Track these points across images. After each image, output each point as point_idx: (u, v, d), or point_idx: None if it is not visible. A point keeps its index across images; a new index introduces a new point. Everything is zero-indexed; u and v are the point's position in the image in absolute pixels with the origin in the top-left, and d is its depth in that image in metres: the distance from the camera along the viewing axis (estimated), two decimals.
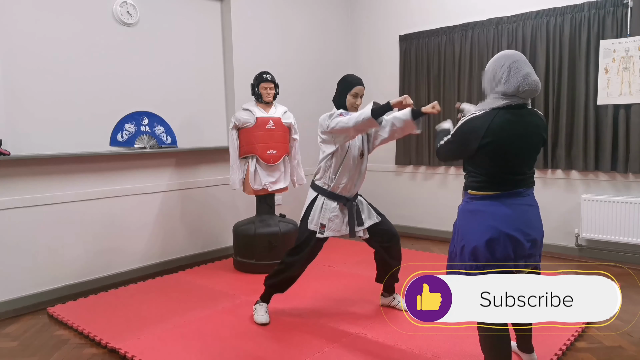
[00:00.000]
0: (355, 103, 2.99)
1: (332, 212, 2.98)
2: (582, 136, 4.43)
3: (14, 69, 3.56)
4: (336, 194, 3.00)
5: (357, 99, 3.00)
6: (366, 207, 3.11)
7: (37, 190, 3.65)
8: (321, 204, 3.00)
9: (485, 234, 2.06)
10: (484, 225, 2.07)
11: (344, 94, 2.98)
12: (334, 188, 3.00)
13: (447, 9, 5.25)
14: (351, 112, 2.92)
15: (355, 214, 3.01)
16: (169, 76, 4.46)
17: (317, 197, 3.03)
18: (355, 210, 3.02)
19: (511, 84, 2.01)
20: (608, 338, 2.84)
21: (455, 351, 2.66)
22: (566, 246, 4.64)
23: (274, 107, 4.25)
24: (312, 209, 3.01)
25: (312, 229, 2.99)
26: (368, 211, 3.10)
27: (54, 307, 3.48)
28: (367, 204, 3.14)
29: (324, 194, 3.01)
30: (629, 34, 4.14)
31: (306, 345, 2.78)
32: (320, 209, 2.99)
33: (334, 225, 2.99)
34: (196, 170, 4.66)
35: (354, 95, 2.98)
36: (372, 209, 3.13)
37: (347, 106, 2.98)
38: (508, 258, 2.05)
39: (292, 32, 5.45)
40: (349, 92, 2.97)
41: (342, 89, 3.00)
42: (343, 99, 2.98)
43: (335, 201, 2.99)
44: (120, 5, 4.08)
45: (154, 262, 4.37)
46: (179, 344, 2.84)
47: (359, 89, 2.98)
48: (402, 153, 5.68)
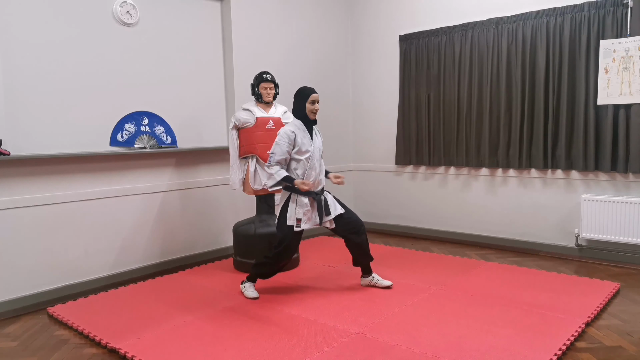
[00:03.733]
0: (314, 109, 3.52)
1: (305, 207, 3.46)
2: (582, 136, 4.43)
3: (14, 69, 3.56)
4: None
5: (315, 104, 3.52)
6: (332, 200, 3.57)
7: (37, 190, 3.65)
8: (295, 201, 3.46)
9: None
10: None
11: (302, 103, 3.50)
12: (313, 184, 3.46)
13: (447, 9, 5.25)
14: (293, 135, 3.44)
15: (323, 206, 3.50)
16: (169, 76, 4.46)
17: (290, 195, 3.50)
18: (323, 202, 3.50)
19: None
20: (608, 338, 2.84)
21: (455, 351, 2.66)
22: (566, 246, 4.64)
23: (274, 107, 4.25)
24: (287, 207, 3.49)
25: (290, 224, 3.45)
26: (333, 204, 3.56)
27: (54, 307, 3.48)
28: (332, 197, 3.60)
29: (297, 192, 3.45)
30: (629, 34, 4.14)
31: (306, 345, 2.78)
32: (295, 206, 3.45)
33: (307, 218, 3.46)
34: (196, 170, 4.66)
35: (311, 103, 3.51)
36: (337, 202, 3.60)
37: (307, 112, 3.51)
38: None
39: (292, 32, 5.45)
40: (306, 101, 3.49)
41: (300, 99, 3.52)
42: (303, 108, 3.51)
43: (306, 197, 3.46)
44: (120, 5, 4.08)
45: (154, 262, 4.37)
46: (179, 344, 2.84)
47: (315, 96, 3.52)
48: (402, 153, 5.68)
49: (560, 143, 4.57)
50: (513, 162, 4.87)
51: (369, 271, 3.75)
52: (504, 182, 4.99)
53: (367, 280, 3.74)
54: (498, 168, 5.00)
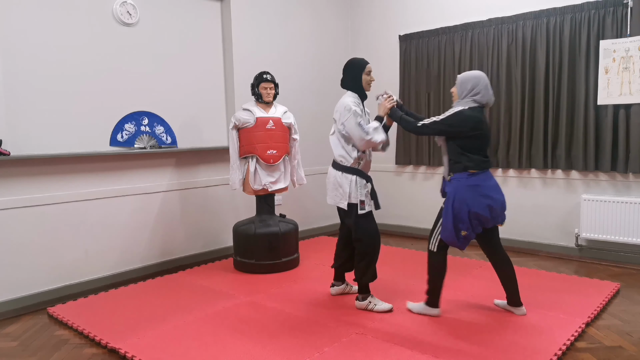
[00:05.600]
0: (371, 79, 3.32)
1: (366, 189, 3.24)
2: (582, 136, 4.43)
3: (14, 69, 3.56)
4: (363, 172, 3.26)
5: (371, 75, 3.32)
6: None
7: (37, 190, 3.65)
8: (356, 182, 3.21)
9: (486, 201, 2.91)
10: (482, 194, 2.92)
11: (359, 74, 3.25)
12: (363, 166, 3.27)
13: (447, 9, 5.25)
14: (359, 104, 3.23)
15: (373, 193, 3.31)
16: (169, 76, 4.46)
17: (355, 178, 3.21)
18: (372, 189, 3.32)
19: (484, 97, 2.97)
20: (608, 338, 2.84)
21: (455, 351, 2.66)
22: (566, 246, 4.64)
23: (274, 107, 4.25)
24: (351, 189, 3.20)
25: (361, 207, 3.21)
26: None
27: (54, 307, 3.48)
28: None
29: (357, 173, 3.23)
30: (629, 34, 4.14)
31: (306, 345, 2.78)
32: (356, 186, 3.21)
33: (368, 200, 3.25)
34: (196, 170, 4.66)
35: (367, 73, 3.29)
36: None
37: (363, 84, 3.28)
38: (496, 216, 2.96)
39: (292, 32, 5.45)
40: (362, 71, 3.25)
41: (357, 70, 3.26)
42: (359, 79, 3.26)
43: (364, 179, 3.24)
44: (120, 5, 4.08)
45: (154, 262, 4.37)
46: (179, 344, 2.84)
47: (370, 66, 3.30)
48: (402, 153, 5.68)
49: (560, 143, 4.57)
50: (513, 162, 4.87)
51: (344, 279, 3.65)
52: (504, 182, 4.98)
53: (340, 288, 3.63)
54: (498, 168, 5.00)
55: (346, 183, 3.21)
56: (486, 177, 2.97)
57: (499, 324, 2.99)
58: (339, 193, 3.25)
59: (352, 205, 3.22)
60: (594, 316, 3.11)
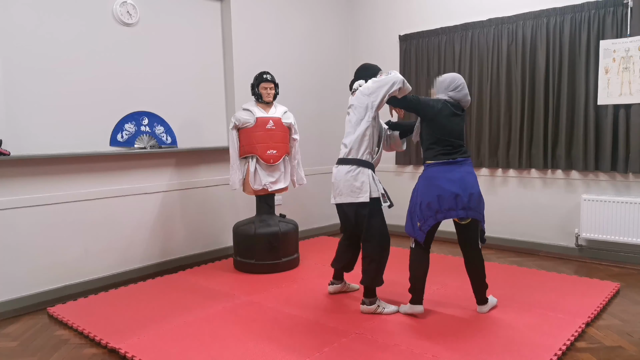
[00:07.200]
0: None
1: (381, 183, 3.23)
2: (582, 136, 4.43)
3: (14, 69, 3.56)
4: (374, 167, 3.24)
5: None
6: None
7: (37, 190, 3.65)
8: (373, 176, 3.18)
9: (436, 191, 2.96)
10: (434, 185, 2.97)
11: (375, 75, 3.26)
12: (376, 161, 3.28)
13: (447, 9, 5.25)
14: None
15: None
16: (169, 76, 4.46)
17: (371, 172, 3.18)
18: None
19: (459, 93, 3.11)
20: (608, 338, 2.84)
21: (455, 351, 2.66)
22: (566, 246, 4.64)
23: (274, 107, 4.25)
24: (371, 182, 3.14)
25: (382, 201, 3.16)
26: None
27: (54, 307, 3.48)
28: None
29: (372, 168, 3.21)
30: (629, 34, 4.14)
31: (306, 345, 2.78)
32: (374, 180, 3.17)
33: (387, 195, 3.21)
34: (196, 170, 4.66)
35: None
36: None
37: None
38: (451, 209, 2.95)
39: (292, 32, 5.45)
40: (379, 73, 3.26)
41: (373, 73, 3.29)
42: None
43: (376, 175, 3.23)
44: (120, 5, 4.08)
45: (154, 262, 4.37)
46: (179, 344, 2.84)
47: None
48: (402, 153, 5.68)
49: (560, 143, 4.57)
50: (513, 162, 4.87)
51: (342, 277, 3.65)
52: (504, 182, 4.99)
53: (339, 287, 3.64)
54: (498, 168, 5.00)
55: (365, 177, 3.13)
56: (446, 170, 2.99)
57: (499, 324, 2.99)
58: (355, 188, 3.13)
59: (375, 200, 3.14)
60: (594, 316, 3.11)
